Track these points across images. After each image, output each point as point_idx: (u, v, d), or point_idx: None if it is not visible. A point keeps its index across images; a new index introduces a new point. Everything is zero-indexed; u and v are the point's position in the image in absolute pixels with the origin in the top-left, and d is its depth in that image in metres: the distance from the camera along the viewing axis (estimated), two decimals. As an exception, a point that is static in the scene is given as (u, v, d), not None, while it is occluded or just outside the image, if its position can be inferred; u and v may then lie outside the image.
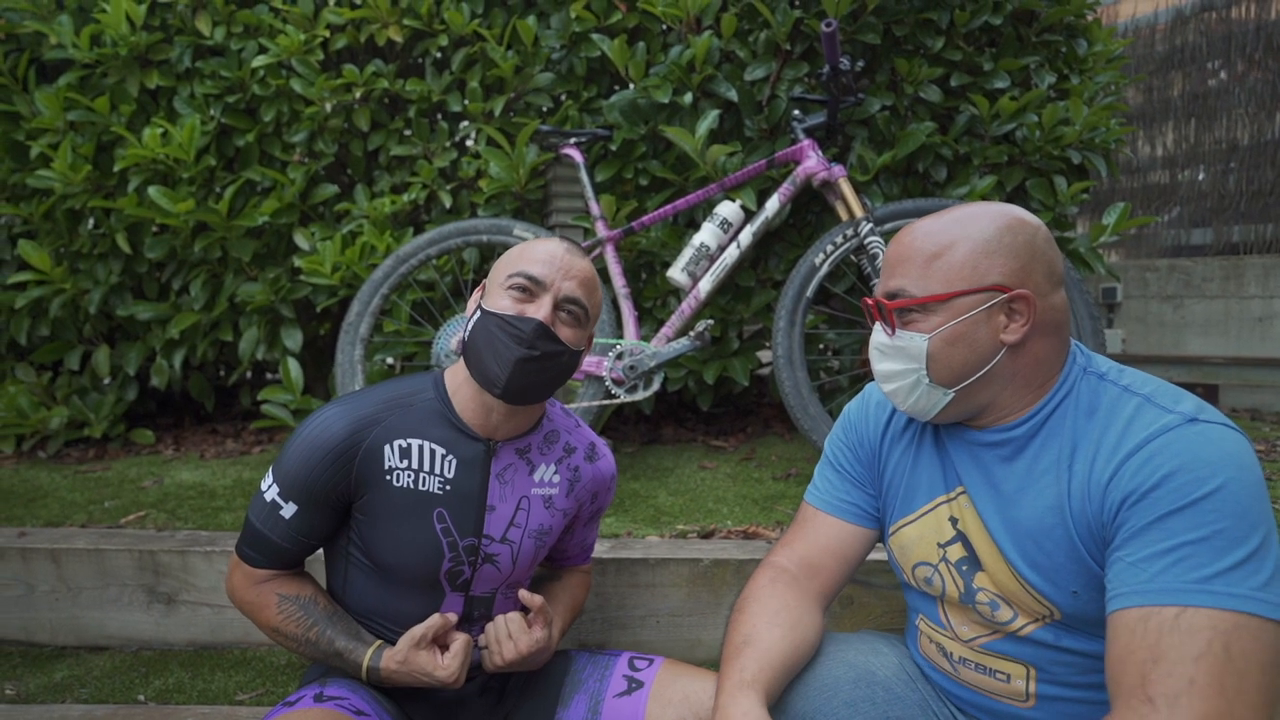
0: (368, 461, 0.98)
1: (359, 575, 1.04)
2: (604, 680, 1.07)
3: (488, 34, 2.25)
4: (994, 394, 0.85)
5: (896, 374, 0.88)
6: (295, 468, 0.97)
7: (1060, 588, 0.80)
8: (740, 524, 1.73)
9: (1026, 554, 0.82)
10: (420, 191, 2.33)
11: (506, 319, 0.96)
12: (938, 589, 0.91)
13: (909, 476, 0.96)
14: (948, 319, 0.83)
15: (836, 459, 1.04)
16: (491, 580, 1.05)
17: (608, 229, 2.03)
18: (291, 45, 2.23)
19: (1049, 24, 2.28)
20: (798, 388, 1.85)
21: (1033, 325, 0.82)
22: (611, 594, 1.56)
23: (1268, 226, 3.85)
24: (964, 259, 0.83)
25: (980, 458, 0.88)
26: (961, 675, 0.91)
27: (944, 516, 0.91)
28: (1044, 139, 2.18)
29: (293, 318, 2.39)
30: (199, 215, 2.22)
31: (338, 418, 0.98)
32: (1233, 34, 4.03)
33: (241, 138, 2.34)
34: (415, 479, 0.99)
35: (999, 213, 0.85)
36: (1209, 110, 4.09)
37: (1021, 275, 0.83)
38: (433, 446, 1.00)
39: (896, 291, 0.87)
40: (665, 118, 2.21)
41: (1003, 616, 0.85)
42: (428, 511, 0.99)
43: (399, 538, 0.99)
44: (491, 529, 1.03)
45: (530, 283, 0.97)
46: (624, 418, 2.75)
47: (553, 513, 1.08)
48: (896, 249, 0.88)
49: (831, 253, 1.89)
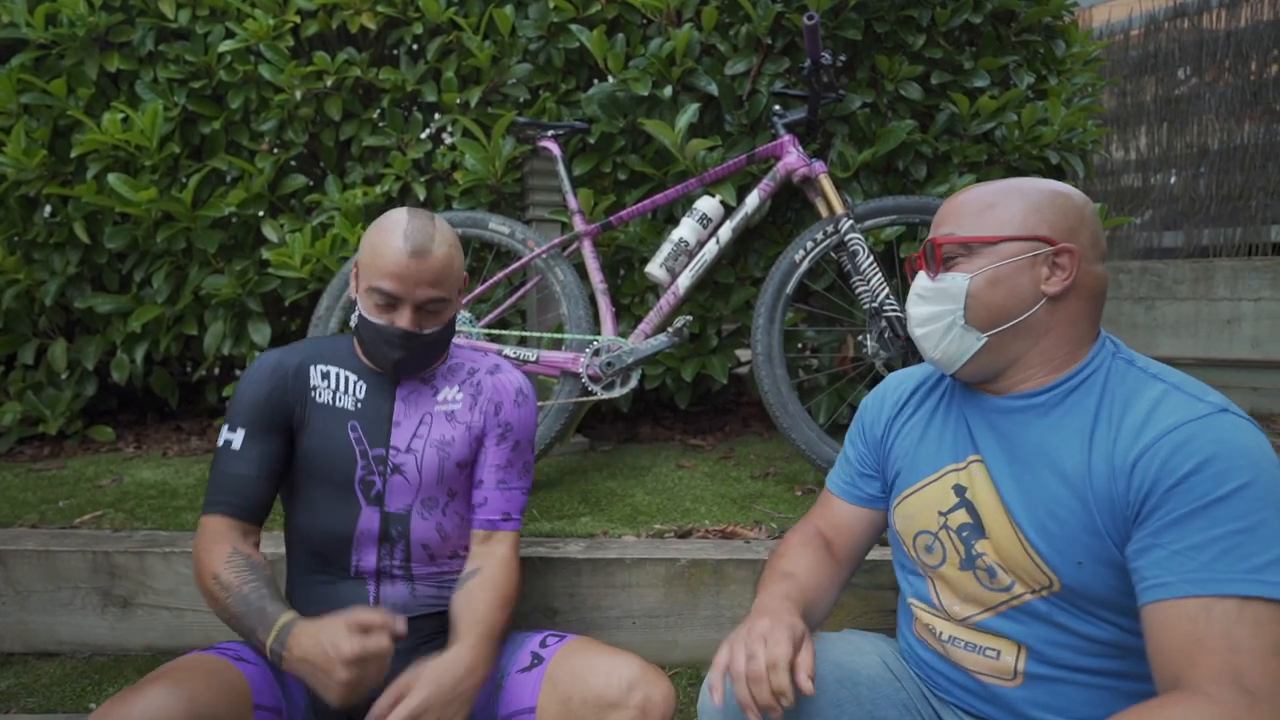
0: (297, 379, 1.14)
1: (295, 500, 1.15)
2: (513, 656, 1.09)
3: (464, 23, 2.20)
4: (1023, 350, 0.87)
5: (933, 316, 0.90)
6: (238, 397, 1.12)
7: (1066, 557, 0.80)
8: (718, 523, 1.70)
9: (1037, 520, 0.82)
10: (394, 183, 2.28)
11: (378, 327, 1.10)
12: (937, 557, 0.91)
13: (917, 449, 0.98)
14: (992, 260, 0.86)
15: (851, 447, 1.10)
16: (403, 494, 1.13)
17: (585, 223, 1.99)
18: (260, 30, 2.16)
19: (1028, 24, 2.29)
20: (777, 385, 1.83)
21: (1073, 283, 0.84)
22: (587, 595, 1.52)
23: (1236, 230, 3.91)
24: (1016, 210, 0.87)
25: (998, 424, 0.89)
26: (950, 654, 0.90)
27: (949, 485, 0.92)
28: (1023, 139, 2.18)
29: (260, 311, 2.32)
30: (162, 205, 2.14)
31: (269, 354, 1.17)
32: (1204, 40, 4.10)
33: (207, 125, 2.26)
34: (333, 397, 1.15)
35: (1051, 182, 0.89)
36: (1181, 115, 4.15)
37: (1069, 234, 0.85)
38: (347, 374, 1.17)
39: (947, 234, 0.90)
40: (644, 111, 2.17)
41: (1001, 583, 0.85)
42: (343, 423, 1.13)
43: (322, 444, 1.12)
44: (397, 440, 1.14)
45: (389, 299, 1.08)
46: (601, 416, 2.72)
47: (454, 425, 1.18)
48: (951, 203, 0.92)
49: (812, 249, 1.87)
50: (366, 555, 1.12)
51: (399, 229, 1.08)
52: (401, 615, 1.06)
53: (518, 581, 1.18)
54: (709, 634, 1.52)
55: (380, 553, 1.12)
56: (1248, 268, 3.44)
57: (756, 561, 1.50)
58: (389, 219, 1.11)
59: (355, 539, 1.11)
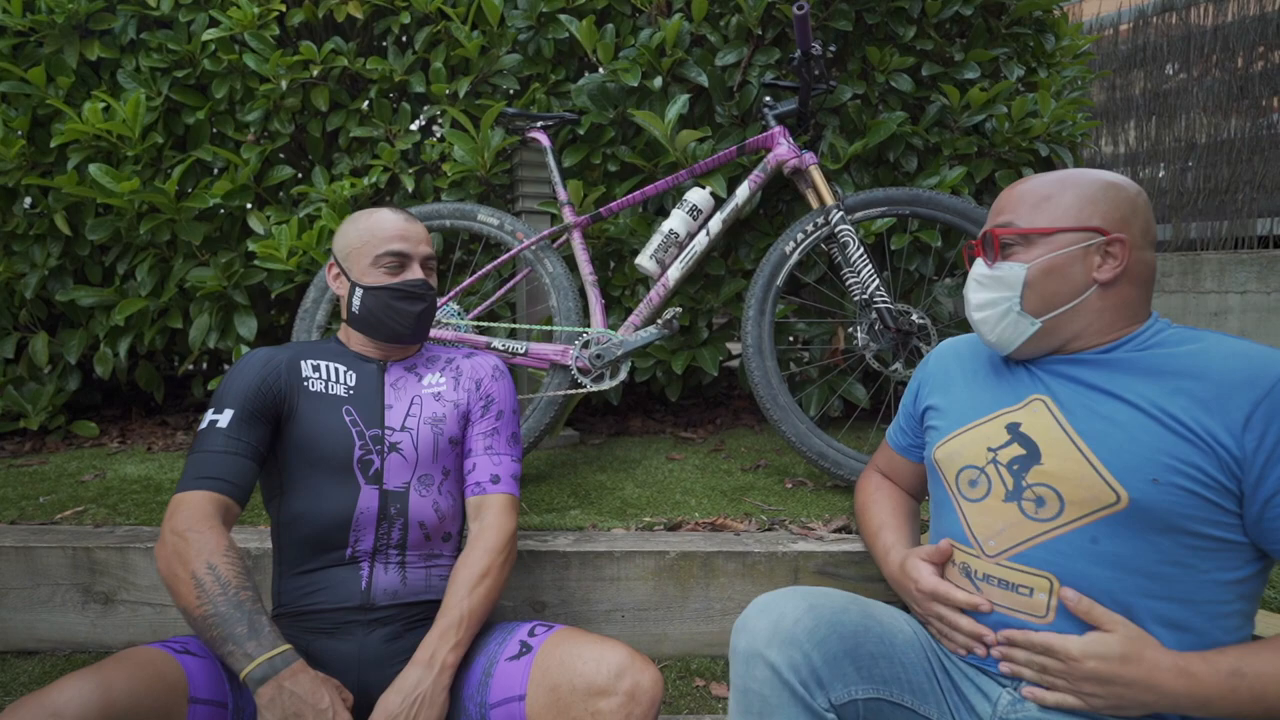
0: (290, 371, 1.19)
1: (289, 489, 1.15)
2: (502, 645, 1.09)
3: (452, 13, 2.18)
4: (1078, 329, 0.92)
5: (990, 302, 0.96)
6: (227, 384, 1.14)
7: (1140, 474, 0.82)
8: (708, 515, 1.70)
9: (1110, 438, 0.85)
10: (381, 175, 2.25)
11: (400, 286, 1.22)
12: (981, 490, 0.94)
13: (969, 397, 1.03)
14: (1048, 250, 0.92)
15: (904, 406, 1.20)
16: (401, 471, 1.18)
17: (575, 215, 1.98)
18: (244, 19, 2.13)
19: (1018, 17, 2.28)
20: (767, 377, 1.82)
21: (1125, 269, 0.90)
22: (576, 588, 1.51)
23: (1223, 223, 3.94)
24: (1071, 202, 0.92)
25: (1067, 372, 0.93)
26: (985, 595, 0.92)
27: (1001, 425, 0.95)
28: (1012, 131, 2.18)
29: (246, 304, 2.29)
30: (145, 196, 2.11)
31: (258, 350, 1.21)
32: (1191, 35, 4.11)
33: (191, 115, 2.23)
34: (326, 386, 1.20)
35: (1105, 173, 0.94)
36: (1169, 109, 4.17)
37: (1121, 224, 0.90)
38: (337, 366, 1.23)
39: (1005, 225, 0.95)
40: (634, 102, 2.16)
41: (1047, 513, 0.87)
42: (338, 408, 1.18)
43: (318, 430, 1.15)
44: (391, 421, 1.20)
45: (399, 258, 1.22)
46: (592, 409, 2.71)
47: (443, 403, 1.25)
48: (1008, 194, 0.97)
49: (802, 241, 1.86)
50: (365, 536, 1.14)
51: (379, 211, 1.25)
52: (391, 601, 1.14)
53: (504, 542, 1.17)
54: (699, 626, 1.52)
55: (379, 532, 1.14)
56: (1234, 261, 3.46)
57: (747, 554, 1.50)
58: (361, 212, 1.26)
59: (355, 519, 1.13)
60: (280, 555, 1.17)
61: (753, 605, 0.92)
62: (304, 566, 1.14)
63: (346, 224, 1.26)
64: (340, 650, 1.09)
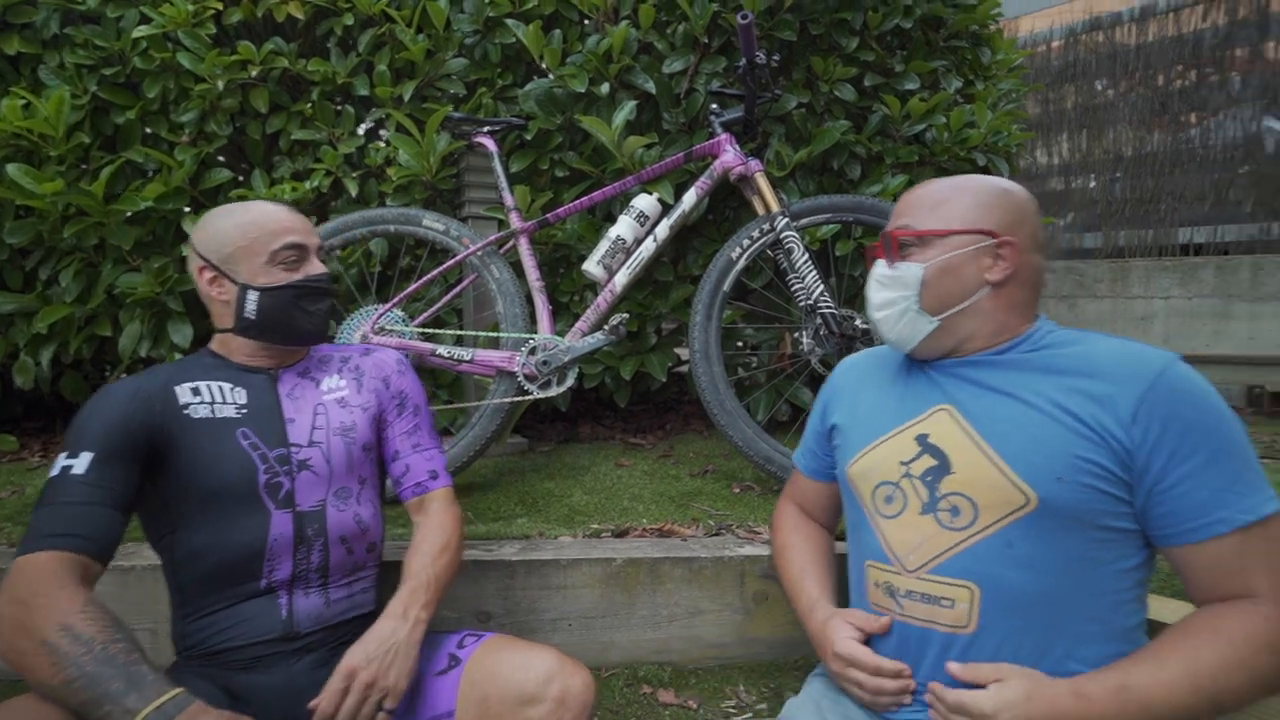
0: (164, 401, 1.03)
1: (183, 525, 1.03)
2: (431, 659, 1.06)
3: (397, 15, 2.14)
4: (972, 329, 0.96)
5: (890, 302, 0.99)
6: (85, 422, 0.97)
7: (1045, 473, 0.85)
8: (656, 522, 1.70)
9: (1014, 443, 0.87)
10: (324, 178, 2.20)
11: (305, 283, 1.11)
12: (897, 506, 0.95)
13: (876, 411, 1.03)
14: (943, 251, 0.95)
15: (810, 429, 1.19)
16: (314, 489, 1.09)
17: (522, 220, 1.96)
18: (178, 16, 2.06)
19: (955, 30, 2.36)
20: (714, 382, 1.83)
21: (1014, 272, 0.94)
22: (521, 598, 1.49)
23: (1149, 232, 4.13)
24: (964, 206, 0.96)
25: (967, 375, 0.96)
26: (908, 611, 0.92)
27: (910, 437, 0.96)
28: (951, 140, 2.25)
29: (182, 311, 2.21)
30: (70, 197, 2.02)
31: (122, 381, 1.04)
32: (1117, 54, 4.31)
33: (121, 114, 2.14)
34: (211, 409, 1.06)
35: (998, 180, 0.99)
36: (1098, 123, 4.36)
37: (1011, 228, 0.95)
38: (220, 384, 1.09)
39: (903, 226, 0.98)
40: (582, 108, 2.16)
41: (961, 521, 0.89)
42: (231, 432, 1.06)
43: (210, 460, 1.03)
44: (296, 437, 1.10)
45: (299, 250, 1.12)
46: (541, 416, 2.69)
47: (350, 410, 1.16)
48: (907, 198, 1.01)
49: (748, 247, 1.89)
50: (281, 564, 1.05)
51: (255, 203, 1.14)
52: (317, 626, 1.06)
53: (456, 526, 1.19)
54: (646, 633, 1.52)
55: (296, 558, 1.05)
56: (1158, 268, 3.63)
57: (693, 559, 1.50)
58: (229, 207, 1.14)
59: (267, 549, 1.03)
60: (181, 595, 1.04)
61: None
62: (211, 604, 1.03)
63: (216, 220, 1.11)
64: (265, 683, 1.01)
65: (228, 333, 1.12)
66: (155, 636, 1.47)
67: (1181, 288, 3.56)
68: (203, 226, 1.12)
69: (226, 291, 1.10)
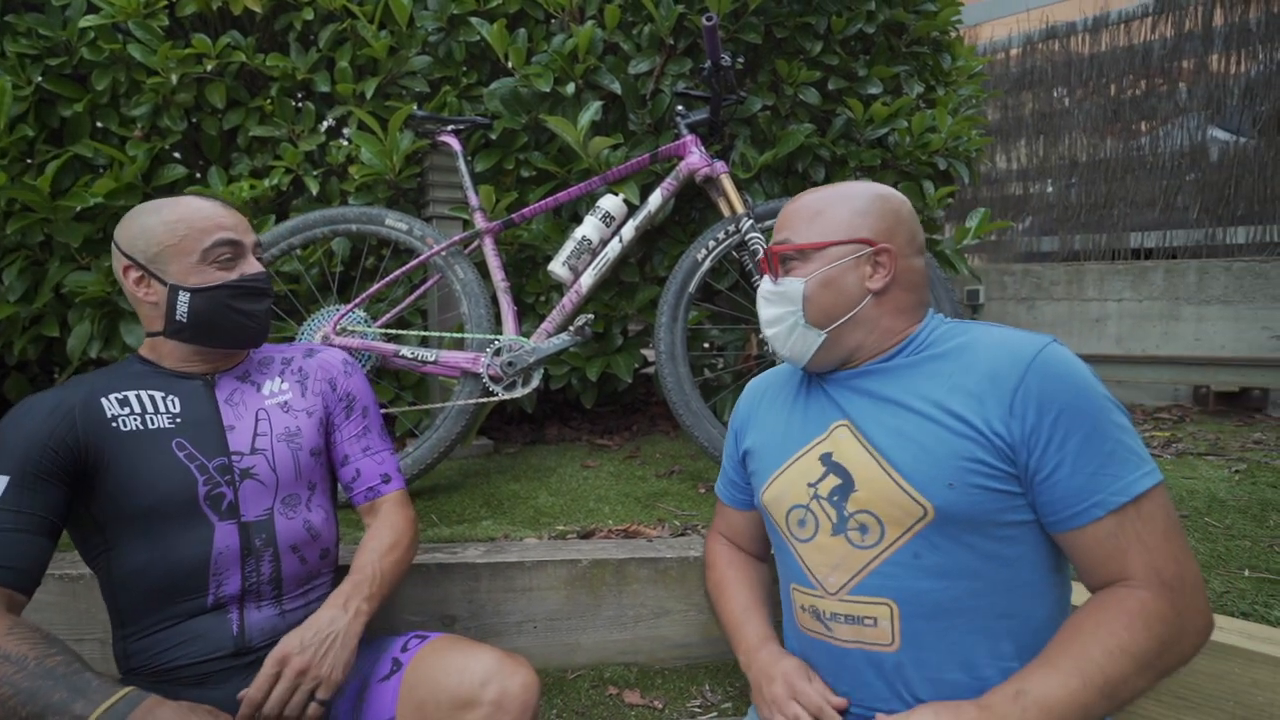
0: (87, 414, 0.97)
1: (120, 544, 0.98)
2: (375, 664, 1.04)
3: (359, 11, 2.11)
4: (861, 338, 0.96)
5: (778, 318, 0.99)
6: (4, 440, 0.92)
7: (936, 481, 0.85)
8: (621, 523, 1.70)
9: (906, 453, 0.87)
10: (283, 176, 2.16)
11: (241, 283, 1.05)
12: (810, 529, 0.95)
13: (782, 434, 1.03)
14: (822, 265, 0.95)
15: (727, 458, 1.17)
16: (260, 498, 1.04)
17: (487, 221, 1.95)
18: (128, 6, 2.00)
19: (917, 36, 2.40)
20: (680, 383, 1.84)
21: (894, 278, 0.94)
22: (486, 601, 1.48)
23: (1103, 236, 4.25)
24: (840, 217, 0.96)
25: (859, 386, 0.96)
26: (836, 634, 0.93)
27: (815, 457, 0.96)
28: (913, 145, 2.29)
29: (134, 311, 2.14)
30: (13, 192, 1.94)
31: (40, 395, 0.98)
32: (1072, 62, 4.43)
33: (69, 107, 2.07)
34: (142, 420, 1.00)
35: (873, 186, 0.99)
36: (1054, 129, 4.48)
37: (887, 234, 0.95)
38: (150, 393, 1.03)
39: (783, 241, 0.99)
40: (547, 108, 2.15)
41: (871, 539, 0.89)
42: (166, 444, 1.00)
43: (144, 476, 0.97)
44: (237, 445, 1.05)
45: (234, 247, 1.05)
46: (507, 417, 2.67)
47: (294, 414, 1.12)
48: (787, 210, 1.00)
49: (714, 248, 1.89)
50: (229, 579, 1.00)
51: (183, 198, 1.06)
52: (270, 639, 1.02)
53: (408, 525, 1.17)
54: (612, 635, 1.51)
55: (245, 571, 1.01)
56: (1112, 271, 3.73)
57: (659, 560, 1.50)
58: (156, 202, 1.06)
59: (212, 563, 0.99)
60: (120, 615, 1.00)
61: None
62: (155, 624, 0.98)
63: (141, 217, 1.04)
64: (216, 698, 0.96)
65: (157, 336, 1.06)
66: (105, 646, 1.42)
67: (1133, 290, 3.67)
68: (127, 223, 1.05)
69: (155, 293, 1.03)
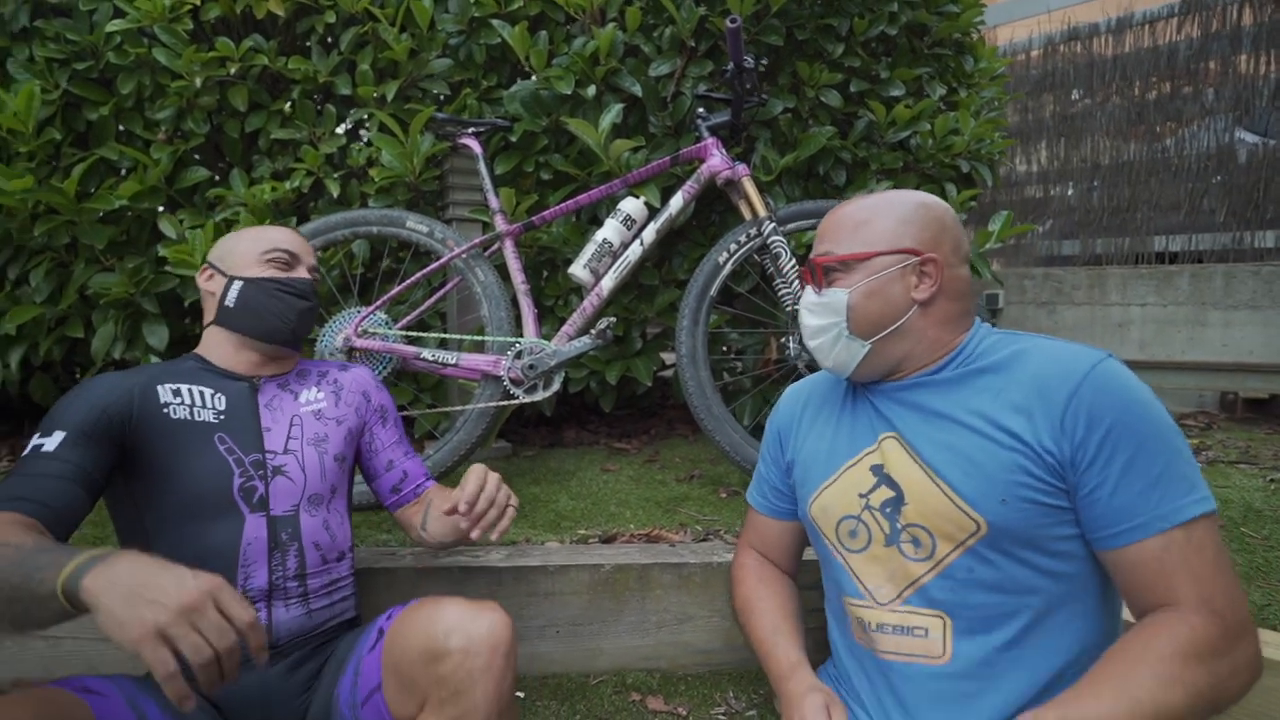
0: (144, 397, 1.05)
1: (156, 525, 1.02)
2: (365, 638, 1.06)
3: (380, 14, 2.12)
4: (907, 348, 0.94)
5: (822, 329, 0.98)
6: (63, 406, 0.99)
7: (989, 496, 0.84)
8: (643, 527, 1.68)
9: (957, 468, 0.86)
10: (305, 178, 2.16)
11: (284, 281, 1.17)
12: (862, 540, 0.94)
13: (829, 444, 1.02)
14: (866, 276, 0.94)
15: (763, 464, 1.16)
16: (288, 494, 1.10)
17: (507, 223, 1.94)
18: (154, 11, 2.01)
19: (939, 38, 2.38)
20: (701, 387, 1.82)
21: (940, 288, 0.93)
22: (509, 604, 1.47)
23: (1125, 240, 4.20)
24: (884, 227, 0.94)
25: (907, 399, 0.95)
26: (882, 645, 0.92)
27: (865, 468, 0.95)
28: (936, 147, 2.26)
29: (157, 312, 2.15)
30: (40, 195, 1.96)
31: (106, 374, 1.06)
32: (1094, 63, 4.38)
33: (94, 111, 2.09)
34: (190, 412, 1.08)
35: (916, 194, 0.98)
36: (1076, 131, 4.42)
37: (932, 244, 0.94)
38: (201, 389, 1.11)
39: (825, 253, 0.98)
40: (568, 110, 2.14)
41: (926, 550, 0.88)
42: (209, 437, 1.07)
43: (187, 462, 1.04)
44: (272, 444, 1.12)
45: (289, 255, 1.19)
46: (525, 420, 2.66)
47: (325, 422, 1.19)
48: (829, 220, 0.99)
49: (735, 252, 1.88)
50: (257, 571, 1.04)
51: (266, 228, 1.23)
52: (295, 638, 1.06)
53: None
54: (634, 640, 1.50)
55: (272, 564, 1.05)
56: (1135, 275, 3.68)
57: (682, 565, 1.49)
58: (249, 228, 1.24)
59: (241, 554, 1.03)
60: None
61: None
62: None
63: (230, 237, 1.23)
64: (238, 689, 1.00)
65: (210, 327, 1.18)
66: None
67: (1157, 295, 3.61)
68: (221, 241, 1.23)
69: (215, 284, 1.17)
